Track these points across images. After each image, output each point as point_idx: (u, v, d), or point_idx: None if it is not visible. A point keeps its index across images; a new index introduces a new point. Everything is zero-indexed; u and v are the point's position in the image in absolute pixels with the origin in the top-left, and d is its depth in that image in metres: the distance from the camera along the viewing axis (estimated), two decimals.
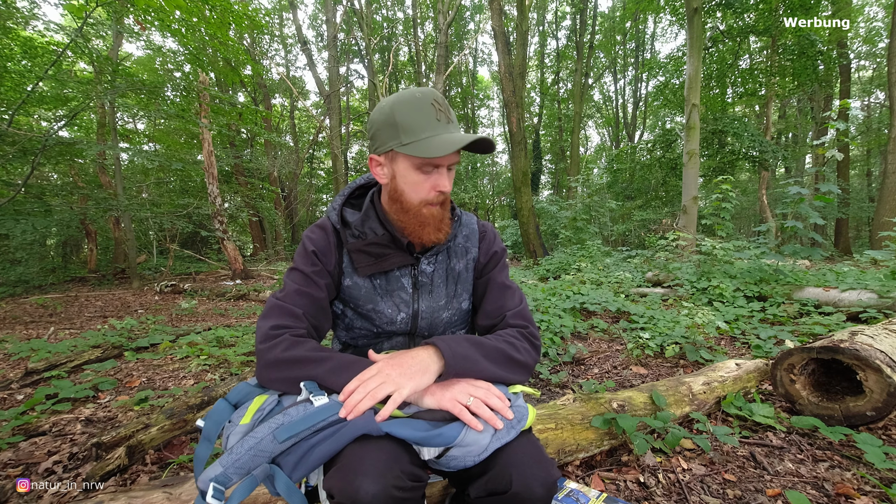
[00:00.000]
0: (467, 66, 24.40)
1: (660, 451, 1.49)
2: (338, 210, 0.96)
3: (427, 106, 0.82)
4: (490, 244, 1.04)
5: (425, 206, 0.87)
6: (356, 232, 0.93)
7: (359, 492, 0.63)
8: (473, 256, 1.02)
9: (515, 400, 0.83)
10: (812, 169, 14.56)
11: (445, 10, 14.30)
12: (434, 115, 0.82)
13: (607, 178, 17.11)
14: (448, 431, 0.72)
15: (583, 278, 5.53)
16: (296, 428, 0.69)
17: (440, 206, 0.89)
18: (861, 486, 1.27)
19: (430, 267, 0.97)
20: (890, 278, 4.05)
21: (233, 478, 0.67)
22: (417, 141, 0.81)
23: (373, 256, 0.92)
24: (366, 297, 0.94)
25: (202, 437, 0.76)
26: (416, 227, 0.89)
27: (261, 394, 0.81)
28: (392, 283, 0.95)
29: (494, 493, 0.74)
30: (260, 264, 11.62)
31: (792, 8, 10.92)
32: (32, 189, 7.90)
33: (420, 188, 0.86)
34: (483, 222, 1.07)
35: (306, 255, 0.92)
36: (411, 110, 0.82)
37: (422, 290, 0.97)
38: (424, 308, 0.97)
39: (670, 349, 2.61)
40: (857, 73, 20.04)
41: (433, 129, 0.81)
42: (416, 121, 0.81)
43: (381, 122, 0.84)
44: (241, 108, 9.02)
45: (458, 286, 1.00)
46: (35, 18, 6.06)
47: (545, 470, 0.75)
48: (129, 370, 2.70)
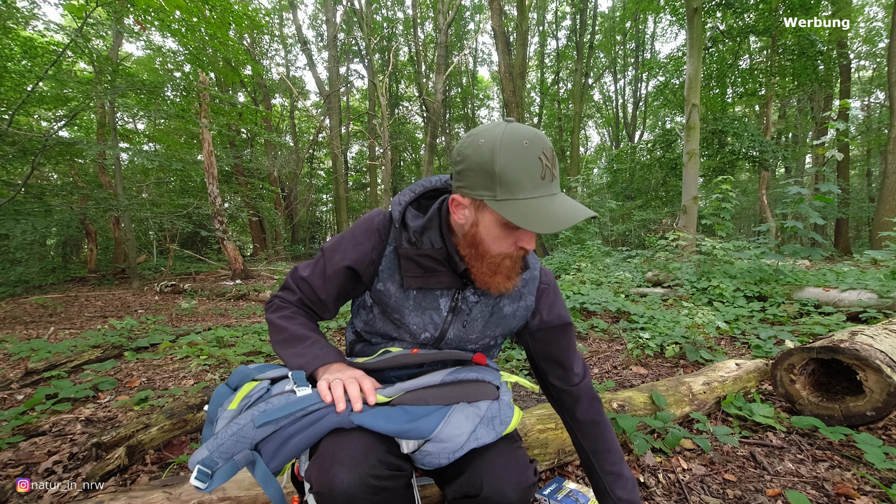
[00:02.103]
0: (467, 66, 24.40)
1: (660, 451, 1.49)
2: (403, 206, 0.88)
3: (534, 160, 0.70)
4: (554, 302, 0.97)
5: (507, 258, 0.80)
6: (413, 238, 0.85)
7: (334, 480, 0.65)
8: (528, 305, 0.94)
9: (504, 398, 0.81)
10: (812, 169, 14.57)
11: (445, 10, 14.30)
12: (539, 171, 0.71)
13: (607, 178, 17.11)
14: (423, 425, 0.71)
15: (583, 278, 5.53)
16: (274, 415, 0.70)
17: (521, 258, 0.83)
18: (861, 486, 1.27)
19: (474, 297, 0.90)
20: (890, 278, 4.05)
21: (218, 462, 0.68)
22: (515, 201, 0.71)
23: (422, 269, 0.86)
24: (395, 307, 0.89)
25: (206, 421, 0.80)
26: (486, 274, 0.81)
27: (255, 379, 0.82)
28: (428, 301, 0.88)
29: (468, 496, 0.74)
30: (260, 264, 11.62)
31: (792, 8, 10.91)
32: (32, 189, 7.89)
33: (503, 243, 0.78)
34: (545, 270, 0.99)
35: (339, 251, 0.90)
36: (516, 162, 0.70)
37: (457, 316, 0.90)
38: (453, 336, 0.92)
39: (670, 349, 2.61)
40: (857, 73, 20.03)
41: (534, 191, 0.71)
42: (518, 177, 0.70)
43: (477, 164, 0.72)
44: (241, 108, 9.02)
45: (499, 328, 0.94)
46: (35, 18, 6.06)
47: (518, 474, 0.74)
48: (129, 370, 2.70)
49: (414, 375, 0.83)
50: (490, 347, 1.00)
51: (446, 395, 0.76)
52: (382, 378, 0.88)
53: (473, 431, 0.73)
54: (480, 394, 0.78)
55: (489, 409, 0.77)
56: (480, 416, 0.75)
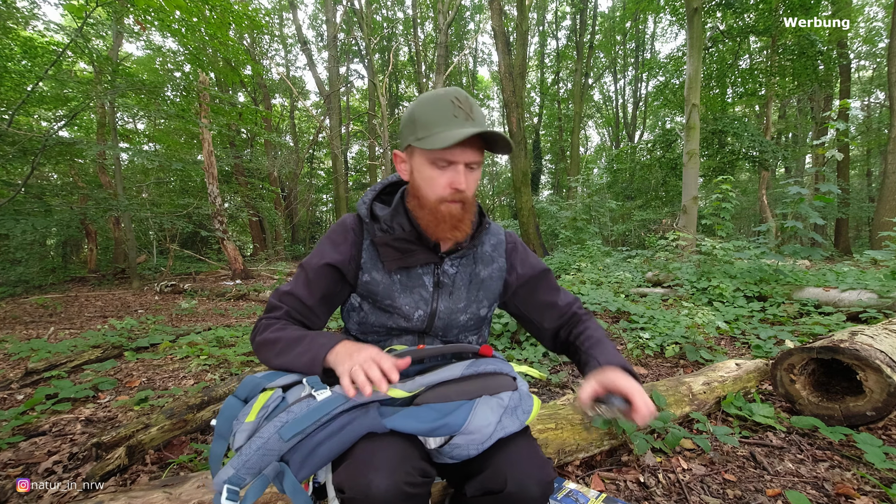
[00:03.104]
0: (467, 66, 24.40)
1: (660, 451, 1.49)
2: (368, 204, 0.96)
3: (446, 102, 0.81)
4: (525, 257, 1.04)
5: (442, 203, 0.85)
6: (384, 226, 0.92)
7: (370, 486, 0.64)
8: (500, 267, 1.02)
9: (522, 388, 0.83)
10: (812, 169, 14.56)
11: (445, 10, 14.30)
12: (451, 111, 0.80)
13: (607, 178, 17.10)
14: (453, 420, 0.73)
15: (583, 278, 5.52)
16: (300, 425, 0.69)
17: (461, 205, 0.87)
18: (861, 486, 1.27)
19: (453, 269, 0.97)
20: (890, 278, 4.05)
21: (245, 478, 0.68)
22: (430, 136, 0.80)
23: (399, 251, 0.92)
24: (384, 293, 0.93)
25: (216, 435, 0.77)
26: (432, 224, 0.88)
27: (266, 389, 0.81)
28: (413, 280, 0.94)
29: (490, 493, 0.74)
30: (260, 264, 11.62)
31: (792, 8, 10.91)
32: (32, 189, 7.89)
33: (435, 184, 0.85)
34: (509, 233, 1.07)
35: (321, 265, 0.93)
36: (429, 106, 0.82)
37: (442, 290, 0.96)
38: (443, 308, 0.96)
39: (670, 349, 2.61)
40: (857, 73, 20.03)
41: (447, 125, 0.80)
42: (431, 116, 0.81)
43: (404, 119, 0.87)
44: (241, 108, 9.02)
45: (481, 292, 1.00)
46: (35, 18, 6.06)
47: (541, 470, 0.75)
48: (129, 370, 2.70)
49: (422, 371, 0.83)
50: (482, 320, 1.03)
51: (468, 390, 0.77)
52: None
53: (499, 421, 0.75)
54: (500, 386, 0.80)
55: (511, 399, 0.79)
56: (504, 406, 0.77)
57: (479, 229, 0.97)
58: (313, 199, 20.77)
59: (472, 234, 0.95)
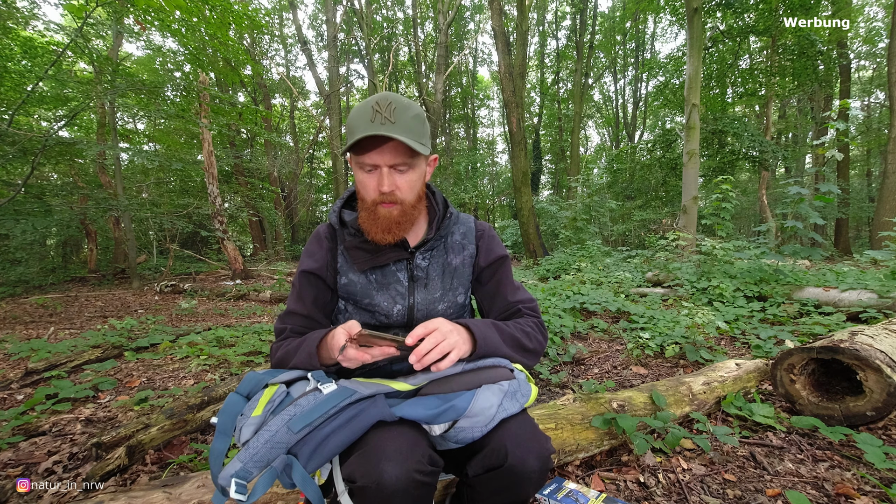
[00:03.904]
0: (467, 66, 24.39)
1: (660, 451, 1.49)
2: (337, 212, 1.01)
3: (367, 108, 0.83)
4: (490, 244, 1.07)
5: (377, 205, 0.89)
6: (352, 230, 0.97)
7: (383, 475, 0.66)
8: (471, 253, 1.05)
9: (520, 377, 0.87)
10: (812, 169, 14.57)
11: (445, 10, 14.30)
12: (370, 115, 0.82)
13: (607, 178, 17.11)
14: (459, 403, 0.76)
15: (583, 278, 5.53)
16: (309, 417, 0.72)
17: (398, 207, 0.89)
18: (861, 486, 1.27)
19: (424, 261, 1.00)
20: (890, 278, 4.05)
21: (253, 471, 0.69)
22: (352, 139, 0.83)
23: (368, 252, 0.96)
24: (363, 293, 0.98)
25: (217, 432, 0.78)
26: (368, 224, 0.91)
27: (270, 384, 0.83)
28: (388, 277, 0.98)
29: (491, 469, 0.76)
30: (260, 264, 11.62)
31: (792, 8, 10.91)
32: (32, 189, 7.89)
33: (366, 188, 0.89)
34: (480, 222, 1.11)
35: (300, 273, 1.00)
36: (355, 112, 0.85)
37: (417, 283, 0.99)
38: (420, 300, 0.99)
39: (670, 349, 2.61)
40: (857, 73, 20.02)
41: (364, 130, 0.81)
42: (353, 122, 0.84)
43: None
44: (241, 108, 9.02)
45: (455, 280, 1.03)
46: (35, 18, 6.07)
47: (539, 443, 0.78)
48: (129, 370, 2.70)
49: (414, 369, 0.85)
50: (462, 307, 1.06)
51: (469, 381, 0.81)
52: (388, 373, 0.96)
53: (500, 404, 0.79)
54: (499, 376, 0.84)
55: (510, 385, 0.84)
56: (504, 391, 0.82)
57: (444, 221, 1.01)
58: (313, 199, 20.77)
59: (438, 226, 0.99)
